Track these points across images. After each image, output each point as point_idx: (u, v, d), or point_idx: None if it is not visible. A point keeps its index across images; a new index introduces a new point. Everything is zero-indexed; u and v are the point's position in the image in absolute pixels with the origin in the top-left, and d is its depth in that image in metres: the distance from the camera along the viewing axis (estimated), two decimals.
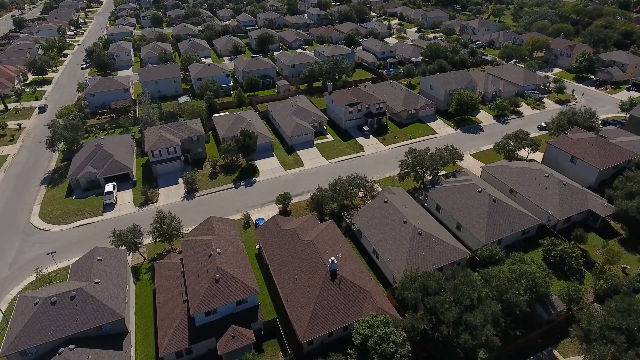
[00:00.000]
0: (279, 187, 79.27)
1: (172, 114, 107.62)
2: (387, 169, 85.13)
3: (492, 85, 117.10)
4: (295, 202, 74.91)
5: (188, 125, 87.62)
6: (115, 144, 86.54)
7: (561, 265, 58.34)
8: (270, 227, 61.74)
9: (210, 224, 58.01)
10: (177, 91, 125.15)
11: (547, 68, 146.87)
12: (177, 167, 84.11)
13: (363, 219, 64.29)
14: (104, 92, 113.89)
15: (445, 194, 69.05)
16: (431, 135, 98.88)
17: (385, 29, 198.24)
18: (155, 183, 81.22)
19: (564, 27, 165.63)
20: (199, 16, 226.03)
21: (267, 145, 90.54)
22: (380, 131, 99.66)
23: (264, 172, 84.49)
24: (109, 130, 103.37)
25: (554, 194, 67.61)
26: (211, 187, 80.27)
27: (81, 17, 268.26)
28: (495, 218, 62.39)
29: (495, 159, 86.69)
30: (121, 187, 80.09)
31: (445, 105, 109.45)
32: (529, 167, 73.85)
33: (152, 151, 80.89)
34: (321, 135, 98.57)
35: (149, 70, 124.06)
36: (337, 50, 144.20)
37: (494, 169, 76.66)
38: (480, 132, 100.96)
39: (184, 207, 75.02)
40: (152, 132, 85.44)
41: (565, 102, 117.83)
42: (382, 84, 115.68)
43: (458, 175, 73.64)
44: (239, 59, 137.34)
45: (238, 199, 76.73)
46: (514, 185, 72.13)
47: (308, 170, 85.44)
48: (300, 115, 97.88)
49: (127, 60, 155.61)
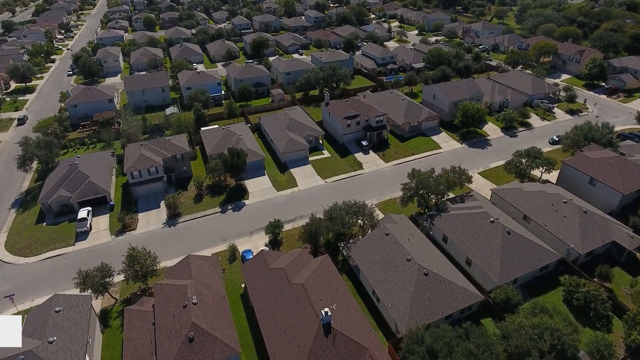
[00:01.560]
0: (269, 211, 72.52)
1: (158, 127, 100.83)
2: (387, 190, 78.33)
3: (499, 95, 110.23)
4: (287, 229, 68.05)
5: (172, 143, 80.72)
6: (92, 162, 79.70)
7: (586, 310, 51.52)
8: (257, 264, 54.90)
9: (187, 264, 51.17)
10: (165, 101, 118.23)
11: (555, 74, 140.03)
12: (160, 188, 77.29)
13: (362, 253, 57.46)
14: (86, 103, 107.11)
15: (453, 222, 62.20)
16: (435, 150, 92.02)
17: (385, 32, 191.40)
18: (134, 207, 74.40)
19: (572, 31, 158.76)
20: (193, 19, 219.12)
21: (258, 163, 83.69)
22: (381, 146, 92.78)
23: (254, 194, 77.66)
24: (90, 145, 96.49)
25: (573, 223, 60.77)
26: (196, 211, 73.42)
27: (73, 19, 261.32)
28: (510, 253, 55.57)
29: (505, 178, 79.90)
30: (97, 211, 73.26)
31: (450, 117, 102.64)
32: (545, 191, 67.00)
33: (131, 172, 74.01)
34: (317, 150, 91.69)
35: (135, 79, 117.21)
36: (335, 55, 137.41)
37: (505, 192, 69.82)
38: (487, 146, 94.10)
39: (165, 235, 68.20)
40: (132, 150, 78.56)
41: (577, 112, 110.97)
42: (382, 94, 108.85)
43: (466, 199, 66.85)
44: (232, 66, 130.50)
45: (224, 226, 69.89)
46: (528, 211, 65.30)
47: (302, 191, 78.59)
48: (294, 129, 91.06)
49: (115, 66, 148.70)
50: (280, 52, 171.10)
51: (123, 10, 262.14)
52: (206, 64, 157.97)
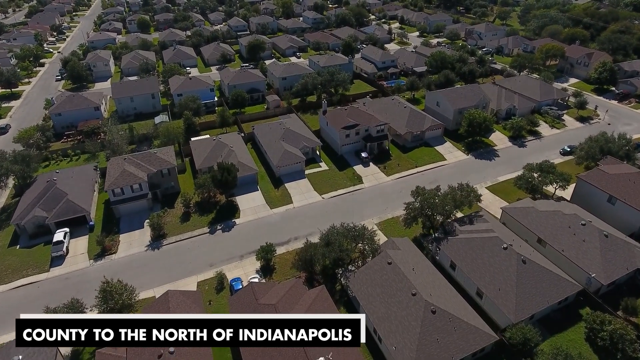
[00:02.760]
0: (262, 232, 67.13)
1: (145, 137, 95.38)
2: (389, 206, 72.90)
3: (506, 101, 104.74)
4: (281, 253, 62.61)
5: (158, 156, 75.19)
6: (72, 178, 74.21)
7: (612, 350, 46.14)
8: (245, 298, 49.47)
9: (166, 302, 45.73)
10: (155, 108, 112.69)
11: (562, 78, 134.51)
12: (144, 206, 71.83)
13: (362, 284, 52.02)
14: (71, 111, 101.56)
15: (462, 248, 56.77)
16: (439, 162, 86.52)
17: (386, 33, 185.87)
18: (116, 227, 68.94)
19: (579, 33, 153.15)
20: (189, 20, 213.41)
21: (250, 177, 78.25)
22: (382, 157, 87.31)
23: (245, 212, 72.17)
24: (73, 156, 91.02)
25: (594, 249, 55.35)
26: (182, 231, 67.95)
27: (67, 21, 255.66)
28: (526, 285, 50.16)
29: (515, 193, 74.47)
30: (76, 232, 67.80)
31: (455, 125, 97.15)
32: (561, 211, 61.53)
33: (112, 190, 68.55)
34: (314, 162, 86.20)
35: (123, 85, 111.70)
36: (334, 59, 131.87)
37: (517, 211, 64.32)
38: (495, 157, 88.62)
39: (148, 259, 62.74)
40: (115, 165, 73.02)
41: (587, 119, 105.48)
42: (383, 100, 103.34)
43: (475, 220, 61.44)
44: (225, 71, 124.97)
45: (213, 249, 64.42)
46: (542, 233, 59.85)
47: (297, 208, 73.11)
48: (289, 139, 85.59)
49: (106, 71, 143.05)
50: (277, 55, 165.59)
51: (117, 11, 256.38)
52: (200, 67, 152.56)
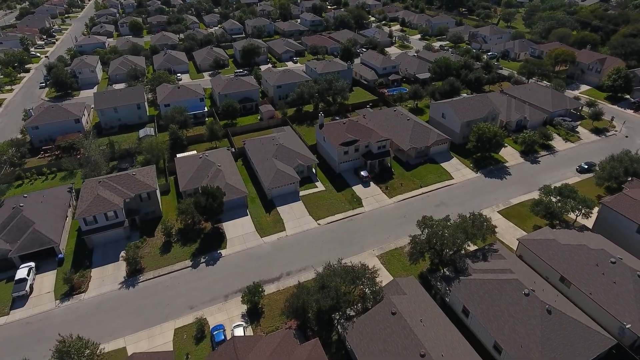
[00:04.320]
0: (250, 265, 60.27)
1: (128, 153, 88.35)
2: (392, 234, 65.93)
3: (516, 112, 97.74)
4: (271, 292, 55.66)
5: (136, 179, 68.12)
6: (42, 203, 67.13)
7: None
8: (226, 357, 42.48)
9: None
10: (141, 119, 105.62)
11: (573, 85, 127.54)
12: (120, 235, 64.80)
13: (361, 338, 45.02)
14: (49, 124, 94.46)
15: (476, 291, 49.78)
16: (446, 181, 79.50)
17: (386, 37, 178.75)
18: (88, 260, 61.90)
19: (589, 37, 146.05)
20: (182, 23, 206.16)
21: (239, 200, 71.25)
22: (383, 176, 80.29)
23: (232, 241, 65.14)
24: (49, 174, 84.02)
25: (627, 292, 48.42)
26: (162, 265, 60.90)
27: (58, 23, 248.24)
28: (553, 340, 43.21)
29: (531, 219, 67.50)
30: (43, 266, 60.81)
31: (462, 139, 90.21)
32: (586, 246, 54.53)
33: (84, 218, 61.51)
34: (309, 182, 79.16)
35: (106, 95, 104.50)
36: (332, 65, 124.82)
37: (536, 244, 57.32)
38: (506, 175, 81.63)
39: (121, 300, 55.69)
40: (88, 188, 65.88)
41: (603, 131, 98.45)
42: (384, 112, 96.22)
43: (489, 256, 54.50)
44: (217, 78, 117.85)
45: (194, 287, 57.39)
46: (566, 272, 52.88)
47: (290, 237, 66.06)
48: (283, 157, 78.60)
49: (92, 77, 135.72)
50: (274, 60, 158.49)
51: (110, 13, 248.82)
52: (192, 73, 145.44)
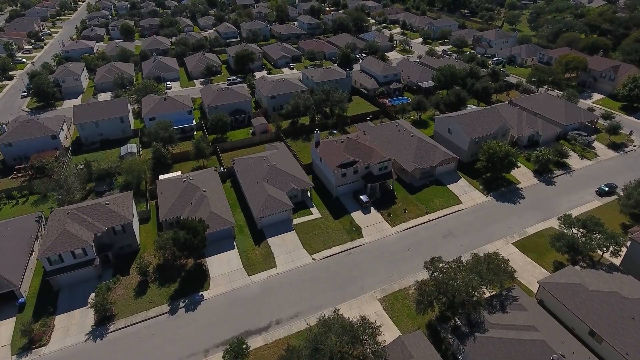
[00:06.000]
0: (235, 311, 53.34)
1: (107, 173, 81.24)
2: (395, 272, 58.91)
3: (528, 126, 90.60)
4: (257, 347, 48.62)
5: (110, 209, 60.94)
6: (4, 236, 59.94)
7: None
8: None
9: None
10: (125, 133, 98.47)
11: (585, 93, 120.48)
12: (90, 275, 57.75)
13: None
14: (24, 141, 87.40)
15: (495, 353, 42.72)
16: (454, 205, 72.45)
17: (387, 41, 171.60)
18: (52, 305, 54.78)
19: (601, 42, 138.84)
20: (175, 26, 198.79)
21: (226, 231, 64.12)
22: (385, 201, 73.21)
23: (217, 280, 58.06)
24: (20, 198, 76.99)
25: None
26: (135, 311, 53.83)
27: (48, 26, 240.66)
28: None
29: (550, 253, 60.39)
30: (1, 313, 53.78)
31: (470, 157, 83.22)
32: (619, 293, 47.54)
33: (47, 258, 54.41)
34: (304, 207, 72.04)
35: (87, 108, 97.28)
36: (329, 73, 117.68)
37: (560, 289, 50.26)
38: (519, 198, 74.59)
39: (86, 355, 48.58)
40: (55, 222, 58.63)
41: (621, 146, 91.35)
42: (385, 127, 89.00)
43: (508, 305, 47.55)
44: (207, 89, 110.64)
45: (171, 339, 50.29)
46: (597, 325, 45.85)
47: (281, 275, 58.97)
48: (274, 180, 71.49)
49: (76, 86, 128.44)
50: (269, 66, 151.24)
51: (102, 16, 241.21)
52: (183, 81, 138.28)
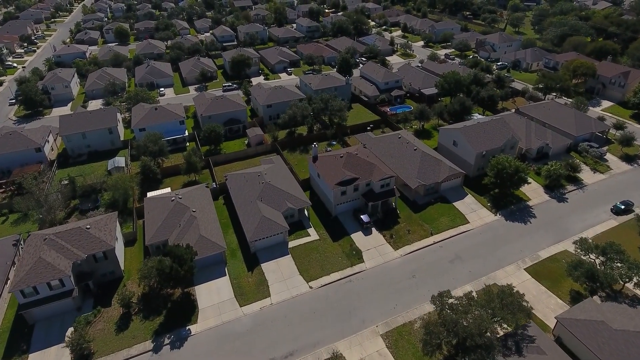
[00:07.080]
0: (225, 349, 48.82)
1: (93, 189, 76.73)
2: (399, 303, 54.41)
3: (537, 138, 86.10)
4: None
5: (91, 234, 56.43)
6: None
7: None
8: None
9: None
10: (114, 144, 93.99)
11: (594, 100, 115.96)
12: (68, 306, 53.25)
13: None
14: (7, 154, 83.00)
15: None
16: (461, 225, 67.91)
17: (387, 44, 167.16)
18: (25, 341, 50.30)
19: (609, 46, 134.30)
20: (171, 29, 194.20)
21: (216, 257, 59.63)
22: (387, 221, 68.67)
23: (205, 313, 53.54)
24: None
25: None
26: (116, 349, 49.32)
27: (42, 29, 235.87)
28: None
29: (566, 281, 55.93)
30: None
31: (476, 171, 78.81)
32: None
33: (21, 290, 49.89)
34: (301, 228, 67.53)
35: (74, 118, 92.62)
36: (328, 80, 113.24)
37: (579, 326, 45.76)
38: (530, 217, 70.11)
39: None
40: (31, 247, 54.27)
41: (634, 158, 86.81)
42: (387, 139, 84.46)
43: (524, 348, 43.06)
44: (201, 97, 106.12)
45: None
46: None
47: (276, 306, 54.45)
48: (269, 199, 67.00)
49: (66, 93, 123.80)
50: (266, 72, 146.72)
51: (97, 18, 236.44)
52: (177, 87, 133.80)
